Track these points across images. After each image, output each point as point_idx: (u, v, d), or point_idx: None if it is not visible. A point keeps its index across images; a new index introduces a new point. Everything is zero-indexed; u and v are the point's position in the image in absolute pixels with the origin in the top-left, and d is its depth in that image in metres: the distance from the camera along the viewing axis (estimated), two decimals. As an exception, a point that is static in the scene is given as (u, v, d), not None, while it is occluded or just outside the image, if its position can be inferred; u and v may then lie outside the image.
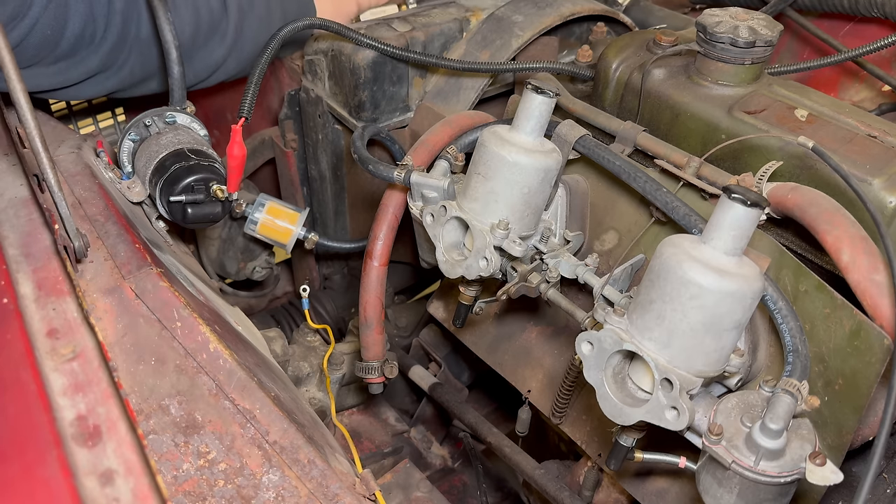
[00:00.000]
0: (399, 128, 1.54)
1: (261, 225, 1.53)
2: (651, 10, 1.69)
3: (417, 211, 1.15)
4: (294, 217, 1.54)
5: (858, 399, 0.93)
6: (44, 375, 0.68)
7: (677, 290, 0.84)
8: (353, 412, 1.73)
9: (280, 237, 1.55)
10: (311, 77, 1.56)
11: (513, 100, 1.34)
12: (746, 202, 0.81)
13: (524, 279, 1.09)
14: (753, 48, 1.14)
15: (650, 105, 1.23)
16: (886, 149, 1.06)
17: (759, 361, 1.01)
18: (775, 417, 0.80)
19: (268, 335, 1.56)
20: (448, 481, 1.68)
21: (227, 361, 0.91)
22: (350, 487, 0.88)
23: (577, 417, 1.24)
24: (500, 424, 1.49)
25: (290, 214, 1.55)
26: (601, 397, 0.92)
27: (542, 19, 1.49)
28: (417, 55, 1.43)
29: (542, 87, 1.02)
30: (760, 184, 1.03)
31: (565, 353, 1.28)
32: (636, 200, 1.18)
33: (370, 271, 1.26)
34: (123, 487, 0.62)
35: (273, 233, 1.54)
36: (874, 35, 1.56)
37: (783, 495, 0.86)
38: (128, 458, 0.64)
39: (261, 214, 1.52)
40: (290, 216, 1.54)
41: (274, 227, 1.54)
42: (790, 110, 1.13)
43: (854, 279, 0.91)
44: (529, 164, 1.02)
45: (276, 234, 1.55)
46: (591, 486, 1.29)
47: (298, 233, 1.55)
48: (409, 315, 1.80)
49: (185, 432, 0.84)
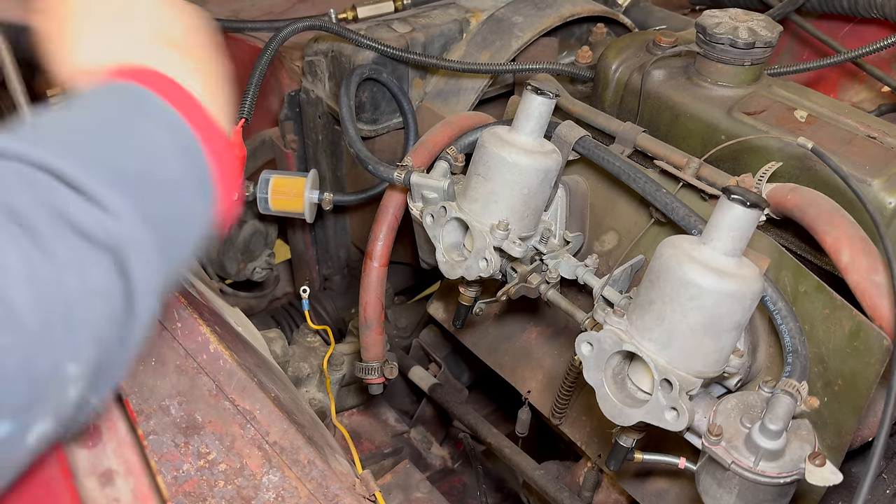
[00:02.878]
0: (399, 129, 1.54)
1: (272, 200, 1.50)
2: (651, 12, 1.69)
3: (417, 212, 1.15)
4: (300, 183, 1.51)
5: (858, 400, 0.93)
6: (44, 376, 0.68)
7: (677, 290, 0.84)
8: (353, 413, 1.73)
9: (294, 206, 1.51)
10: (311, 78, 1.56)
11: (513, 101, 1.34)
12: (746, 203, 0.81)
13: (524, 280, 1.09)
14: (753, 49, 1.14)
15: (650, 106, 1.23)
16: (886, 150, 1.06)
17: (759, 362, 1.01)
18: (775, 418, 0.80)
19: (268, 336, 1.56)
20: (448, 482, 1.68)
21: (228, 362, 0.91)
22: (350, 488, 0.88)
23: (577, 418, 1.25)
24: (500, 425, 1.49)
25: (296, 181, 1.51)
26: (601, 398, 0.92)
27: (541, 20, 1.49)
28: (417, 56, 1.43)
29: (541, 88, 1.02)
30: (760, 185, 1.03)
31: (565, 353, 1.28)
32: (636, 201, 1.18)
33: (370, 272, 1.26)
34: (124, 488, 0.62)
35: (286, 204, 1.51)
36: (874, 36, 1.56)
37: (783, 496, 0.86)
38: (128, 459, 0.64)
39: (269, 190, 1.51)
40: (297, 183, 1.51)
41: (286, 198, 1.50)
42: (790, 111, 1.13)
43: (853, 280, 0.91)
44: (529, 164, 1.02)
45: (290, 205, 1.51)
46: (590, 486, 1.29)
47: (311, 197, 1.51)
48: (409, 316, 1.80)
49: (185, 433, 0.85)
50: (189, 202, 0.57)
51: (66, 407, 0.48)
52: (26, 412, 0.44)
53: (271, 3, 1.84)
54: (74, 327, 0.45)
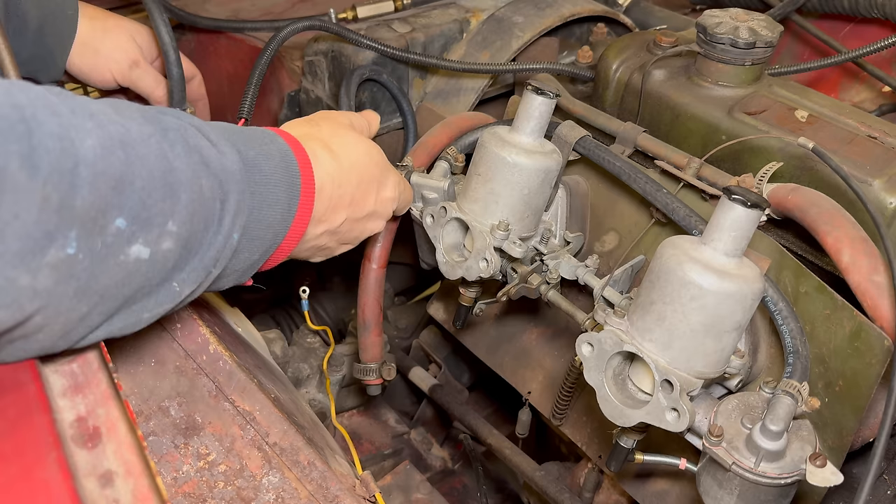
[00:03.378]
0: (399, 129, 1.54)
1: None
2: (651, 11, 1.69)
3: (417, 212, 1.15)
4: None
5: (859, 400, 0.93)
6: (44, 377, 0.68)
7: (678, 291, 0.83)
8: (353, 414, 1.73)
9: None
10: (311, 78, 1.56)
11: (513, 101, 1.34)
12: (747, 203, 0.81)
13: (524, 280, 1.09)
14: (753, 49, 1.14)
15: (650, 106, 1.23)
16: (887, 150, 1.06)
17: (760, 363, 1.01)
18: (776, 419, 0.80)
19: (267, 336, 1.56)
20: (448, 483, 1.67)
21: (227, 363, 0.91)
22: (350, 489, 0.88)
23: (578, 419, 1.24)
24: (501, 426, 1.49)
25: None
26: (601, 399, 0.92)
27: (542, 20, 1.49)
28: (417, 56, 1.43)
29: (542, 88, 1.02)
30: (761, 185, 1.03)
31: (565, 354, 1.27)
32: (636, 201, 1.18)
33: (368, 273, 1.26)
34: (123, 489, 0.62)
35: None
36: (874, 36, 1.56)
37: (783, 497, 0.86)
38: (128, 460, 0.64)
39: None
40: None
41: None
42: (790, 111, 1.13)
43: (854, 280, 0.91)
44: (529, 165, 1.01)
45: None
46: (591, 487, 1.29)
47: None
48: (409, 316, 1.80)
49: (184, 434, 0.84)
50: (276, 193, 0.79)
51: (160, 253, 0.64)
52: (132, 221, 0.61)
53: (271, 3, 1.84)
54: (184, 202, 0.65)
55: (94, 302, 0.62)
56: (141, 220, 0.62)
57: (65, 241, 0.56)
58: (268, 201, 0.77)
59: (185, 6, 1.67)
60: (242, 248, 0.75)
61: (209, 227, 0.69)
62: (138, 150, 0.62)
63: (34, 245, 0.55)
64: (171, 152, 0.65)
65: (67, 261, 0.57)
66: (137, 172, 0.61)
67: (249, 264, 0.79)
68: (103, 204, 0.58)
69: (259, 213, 0.76)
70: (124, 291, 0.64)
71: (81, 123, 0.58)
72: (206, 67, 1.51)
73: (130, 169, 0.60)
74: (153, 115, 0.68)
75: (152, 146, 0.64)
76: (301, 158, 0.83)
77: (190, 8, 1.66)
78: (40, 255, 0.55)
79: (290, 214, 0.81)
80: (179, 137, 0.68)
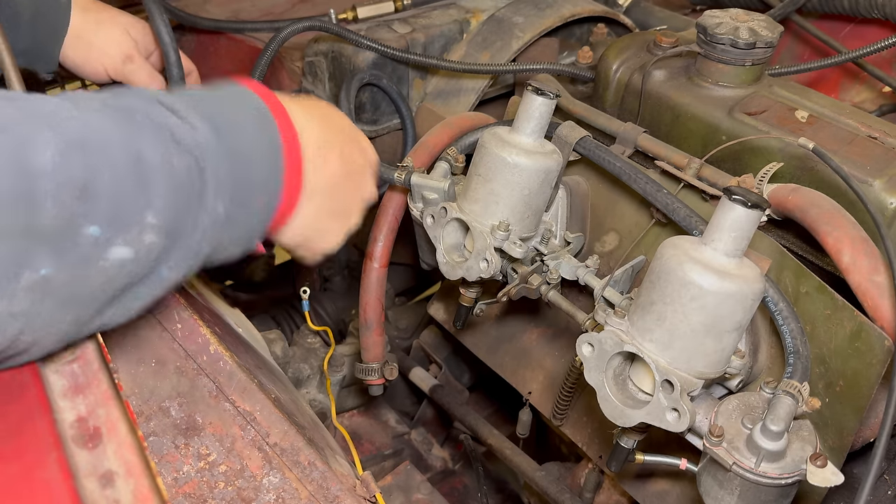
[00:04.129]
0: (399, 129, 1.54)
1: None
2: (651, 12, 1.69)
3: (418, 212, 1.15)
4: None
5: (859, 400, 0.93)
6: (44, 377, 0.68)
7: (678, 291, 0.83)
8: (354, 414, 1.73)
9: None
10: (312, 79, 1.56)
11: (513, 101, 1.34)
12: (747, 203, 0.81)
13: (525, 281, 1.09)
14: (754, 49, 1.14)
15: (651, 106, 1.23)
16: (887, 150, 1.06)
17: (760, 363, 1.01)
18: (776, 419, 0.80)
19: (268, 337, 1.56)
20: (449, 483, 1.67)
21: (228, 363, 0.91)
22: (350, 489, 0.88)
23: (578, 419, 1.24)
24: (501, 426, 1.49)
25: None
26: (602, 399, 0.92)
27: (542, 21, 1.49)
28: (418, 57, 1.43)
29: (542, 89, 1.02)
30: (761, 185, 1.03)
31: (566, 354, 1.27)
32: (637, 202, 1.18)
33: (370, 273, 1.26)
34: (124, 489, 0.62)
35: None
36: (874, 36, 1.56)
37: (784, 497, 0.86)
38: (128, 460, 0.64)
39: None
40: None
41: None
42: (791, 111, 1.13)
43: (855, 280, 0.91)
44: (530, 165, 1.01)
45: None
46: (591, 487, 1.29)
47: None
48: (409, 317, 1.80)
49: (185, 434, 0.84)
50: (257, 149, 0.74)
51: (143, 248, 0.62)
52: (107, 225, 0.58)
53: (271, 4, 1.84)
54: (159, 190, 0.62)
55: (80, 307, 0.61)
56: (116, 221, 0.59)
57: (38, 262, 0.55)
58: (250, 161, 0.73)
59: (185, 7, 1.67)
60: (235, 217, 0.71)
61: (191, 207, 0.66)
62: (100, 146, 0.59)
63: (5, 273, 0.53)
64: (138, 138, 0.62)
65: (42, 281, 0.56)
66: (102, 172, 0.58)
67: (248, 231, 0.75)
68: (70, 215, 0.56)
69: (242, 174, 0.71)
70: (110, 291, 0.62)
71: (35, 134, 0.55)
72: (206, 68, 1.51)
73: (94, 171, 0.57)
74: (114, 100, 0.65)
75: (115, 138, 0.60)
76: (276, 109, 0.78)
77: (190, 8, 1.66)
78: (14, 281, 0.54)
79: (277, 167, 0.76)
80: (146, 119, 0.64)
